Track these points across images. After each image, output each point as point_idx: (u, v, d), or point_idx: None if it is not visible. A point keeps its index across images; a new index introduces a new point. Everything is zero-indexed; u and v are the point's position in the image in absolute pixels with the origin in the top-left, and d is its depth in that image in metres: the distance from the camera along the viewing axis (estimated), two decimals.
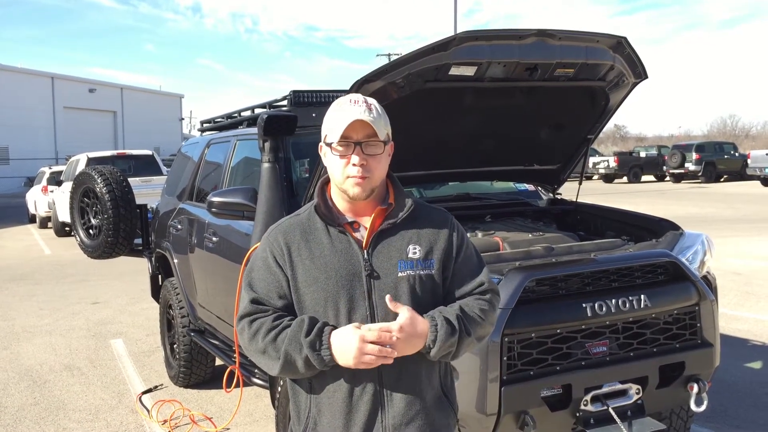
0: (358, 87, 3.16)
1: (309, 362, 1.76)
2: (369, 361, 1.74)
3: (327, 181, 1.95)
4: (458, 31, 3.33)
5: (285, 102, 4.31)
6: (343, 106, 1.85)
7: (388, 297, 1.79)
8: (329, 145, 1.86)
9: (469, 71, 3.25)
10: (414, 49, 3.14)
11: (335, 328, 1.79)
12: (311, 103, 4.19)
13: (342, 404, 1.84)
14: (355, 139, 1.82)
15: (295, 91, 4.22)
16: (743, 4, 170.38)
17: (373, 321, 1.82)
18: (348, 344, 1.73)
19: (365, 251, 1.85)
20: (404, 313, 1.77)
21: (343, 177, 1.84)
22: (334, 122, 1.84)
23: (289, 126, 3.82)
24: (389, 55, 44.94)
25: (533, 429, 2.80)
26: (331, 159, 1.86)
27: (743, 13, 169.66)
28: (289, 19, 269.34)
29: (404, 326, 1.75)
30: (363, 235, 1.87)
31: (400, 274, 1.84)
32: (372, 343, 1.73)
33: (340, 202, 1.91)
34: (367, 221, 1.88)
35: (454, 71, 3.21)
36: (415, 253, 1.86)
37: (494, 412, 2.78)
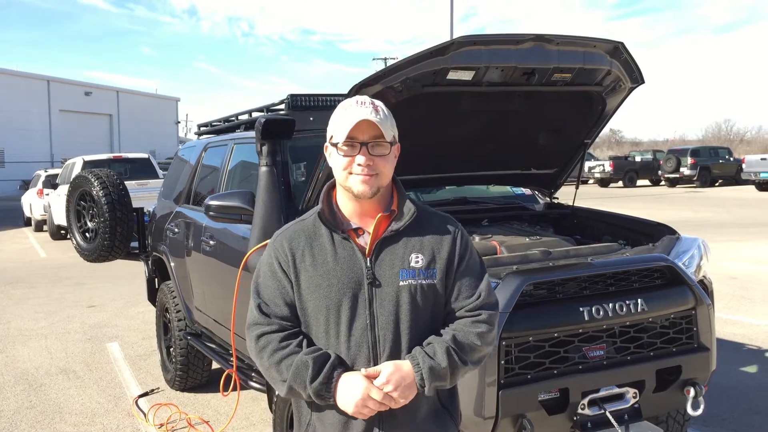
0: (356, 91, 3.16)
1: (311, 398, 1.80)
2: (365, 414, 1.77)
3: (333, 186, 1.93)
4: (455, 36, 3.33)
5: (283, 106, 4.32)
6: (349, 107, 1.84)
7: (363, 370, 1.78)
8: (335, 145, 1.84)
9: (467, 76, 3.25)
10: (411, 53, 3.15)
11: (345, 369, 1.79)
12: (309, 107, 4.20)
13: (341, 416, 1.83)
14: (361, 140, 1.81)
15: (292, 95, 4.23)
16: (739, 8, 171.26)
17: (372, 330, 1.81)
18: (352, 397, 1.75)
19: (368, 259, 1.83)
20: (386, 368, 1.77)
21: (346, 174, 1.82)
22: (341, 123, 1.83)
23: (287, 130, 3.83)
24: (386, 59, 45.05)
25: None
26: (335, 159, 1.85)
27: (739, 18, 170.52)
28: (285, 23, 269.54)
29: (392, 380, 1.75)
30: (367, 241, 1.85)
31: (401, 283, 1.82)
32: (375, 400, 1.75)
33: (345, 204, 1.89)
34: (371, 227, 1.86)
35: (452, 75, 3.21)
36: (417, 262, 1.84)
37: (492, 416, 2.79)
